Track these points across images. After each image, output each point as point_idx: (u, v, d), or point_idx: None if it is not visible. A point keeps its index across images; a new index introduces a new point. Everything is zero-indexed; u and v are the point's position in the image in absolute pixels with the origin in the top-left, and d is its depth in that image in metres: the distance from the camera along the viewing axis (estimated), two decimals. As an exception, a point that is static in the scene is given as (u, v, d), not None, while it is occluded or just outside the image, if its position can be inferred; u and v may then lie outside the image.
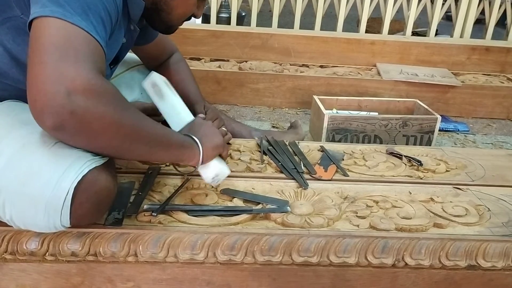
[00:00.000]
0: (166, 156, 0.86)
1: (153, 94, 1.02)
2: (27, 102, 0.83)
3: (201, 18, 1.14)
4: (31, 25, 0.70)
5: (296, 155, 1.19)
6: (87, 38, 0.70)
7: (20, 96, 0.85)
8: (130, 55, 1.30)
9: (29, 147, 0.75)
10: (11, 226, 0.78)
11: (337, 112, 1.67)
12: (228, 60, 2.17)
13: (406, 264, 0.88)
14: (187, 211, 0.92)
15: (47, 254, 0.82)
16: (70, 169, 0.73)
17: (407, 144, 1.59)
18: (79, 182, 0.73)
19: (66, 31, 0.68)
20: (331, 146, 1.28)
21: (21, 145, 0.75)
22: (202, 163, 0.89)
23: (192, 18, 1.05)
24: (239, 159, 1.15)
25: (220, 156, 0.96)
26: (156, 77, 1.02)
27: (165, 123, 1.11)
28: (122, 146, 0.75)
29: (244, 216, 0.91)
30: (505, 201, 1.05)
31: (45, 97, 0.65)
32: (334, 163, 1.16)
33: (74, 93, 0.65)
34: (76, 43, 0.68)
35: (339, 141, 1.56)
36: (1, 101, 0.88)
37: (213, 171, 0.92)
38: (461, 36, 2.48)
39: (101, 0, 0.75)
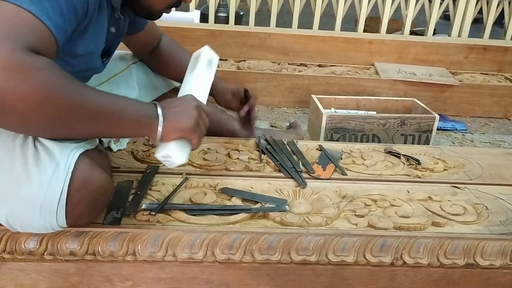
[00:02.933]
0: (119, 131, 0.80)
1: (200, 65, 0.97)
2: None
3: (199, 17, 1.13)
4: None
5: (294, 154, 1.20)
6: (27, 19, 0.66)
7: None
8: (128, 52, 1.30)
9: (20, 148, 0.74)
10: (9, 226, 0.78)
11: (335, 111, 1.67)
12: (226, 60, 2.17)
13: (405, 262, 0.88)
14: (185, 210, 0.91)
15: (45, 254, 0.82)
16: (58, 167, 0.72)
17: (405, 143, 1.59)
18: (72, 182, 0.73)
19: (6, 12, 0.65)
20: (329, 145, 1.28)
21: (13, 147, 0.74)
22: (161, 141, 0.82)
23: (190, 15, 1.02)
24: (238, 158, 1.15)
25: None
26: (215, 57, 0.99)
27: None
28: (63, 124, 0.71)
29: (242, 215, 0.91)
30: (503, 199, 1.05)
31: None
32: (332, 162, 1.16)
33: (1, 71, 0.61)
34: (8, 22, 0.65)
35: (338, 140, 1.56)
36: None
37: (165, 150, 0.82)
38: (459, 35, 2.49)
39: None
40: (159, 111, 0.80)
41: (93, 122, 0.73)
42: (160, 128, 0.79)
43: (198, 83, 0.98)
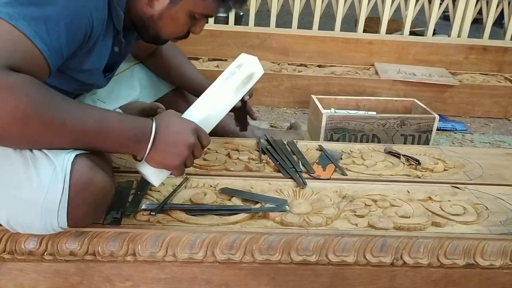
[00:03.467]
0: (102, 148, 0.77)
1: (238, 75, 0.92)
2: None
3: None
4: None
5: (294, 154, 1.20)
6: (18, 39, 0.67)
7: None
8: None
9: (21, 150, 0.74)
10: (9, 226, 0.78)
11: (335, 112, 1.67)
12: (226, 60, 2.17)
13: (405, 262, 0.88)
14: (185, 210, 0.91)
15: (45, 254, 0.82)
16: (56, 169, 0.72)
17: (405, 143, 1.59)
18: (74, 184, 0.73)
19: None
20: (329, 146, 1.28)
21: (13, 149, 0.74)
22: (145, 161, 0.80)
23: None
24: (238, 158, 1.15)
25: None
26: (259, 71, 0.93)
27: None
28: (40, 140, 0.70)
29: (242, 215, 0.91)
30: (503, 199, 1.05)
31: None
32: (332, 162, 1.16)
33: None
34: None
35: (337, 140, 1.56)
36: None
37: (144, 170, 0.82)
38: (459, 36, 2.49)
39: (69, 13, 0.73)
40: (150, 140, 0.77)
41: (74, 139, 0.72)
42: (145, 155, 0.78)
43: (220, 99, 0.92)
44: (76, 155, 0.74)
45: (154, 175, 0.82)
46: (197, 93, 1.02)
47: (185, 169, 0.84)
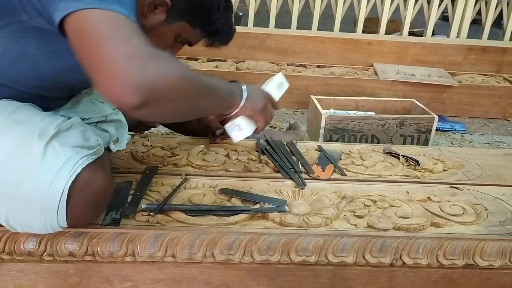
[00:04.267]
0: (218, 105, 0.89)
1: (271, 83, 1.06)
2: (21, 101, 0.83)
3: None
4: (62, 23, 0.67)
5: (294, 154, 1.20)
6: (128, 21, 0.69)
7: (15, 96, 0.85)
8: None
9: (22, 149, 0.75)
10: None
11: (334, 112, 1.67)
12: (225, 60, 2.17)
13: (404, 263, 0.88)
14: (185, 211, 0.91)
15: (44, 254, 0.82)
16: (63, 169, 0.73)
17: (404, 143, 1.60)
18: (74, 182, 0.73)
19: (108, 17, 0.67)
20: (328, 146, 1.28)
21: (14, 147, 0.75)
22: (236, 114, 0.92)
23: None
24: (237, 159, 1.15)
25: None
26: (286, 83, 1.10)
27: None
28: (195, 103, 0.76)
29: (242, 216, 0.91)
30: (502, 200, 1.05)
31: (123, 77, 0.62)
32: (331, 163, 1.16)
33: (144, 65, 0.64)
34: (122, 26, 0.67)
35: (337, 140, 1.56)
36: None
37: (237, 120, 0.94)
38: (458, 36, 2.49)
39: None
40: (244, 93, 0.91)
41: (209, 98, 0.81)
42: (241, 104, 0.90)
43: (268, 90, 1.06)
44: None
45: (245, 122, 0.95)
46: None
47: (264, 127, 0.99)
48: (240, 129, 0.94)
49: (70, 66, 0.85)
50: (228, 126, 0.95)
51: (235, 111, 0.91)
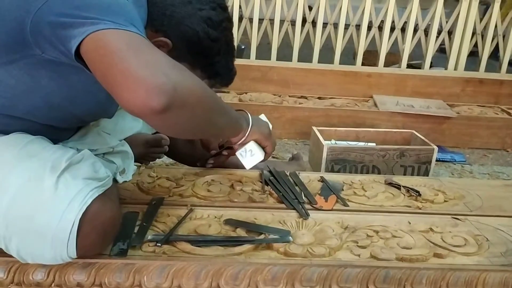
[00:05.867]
0: (230, 129, 0.95)
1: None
2: (33, 134, 0.86)
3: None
4: (79, 48, 0.69)
5: (297, 185, 1.21)
6: (145, 39, 0.73)
7: (27, 129, 0.87)
8: None
9: (35, 181, 0.77)
10: (18, 257, 0.79)
11: (335, 143, 1.69)
12: (228, 92, 2.21)
13: (408, 294, 0.88)
14: (191, 242, 0.92)
15: (53, 285, 0.83)
16: (74, 201, 0.75)
17: (404, 174, 1.61)
18: (84, 214, 0.75)
19: (127, 35, 0.70)
20: (330, 177, 1.29)
21: (27, 179, 0.77)
22: (245, 140, 0.99)
23: None
24: (241, 189, 1.16)
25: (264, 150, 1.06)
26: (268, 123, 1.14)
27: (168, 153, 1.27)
28: (212, 116, 0.80)
29: (247, 246, 0.92)
30: (503, 231, 1.06)
31: (147, 82, 0.64)
32: (334, 193, 1.18)
33: (167, 70, 0.67)
34: (141, 41, 0.71)
35: (338, 171, 1.58)
36: (8, 134, 0.90)
37: (247, 146, 1.01)
38: (455, 69, 2.54)
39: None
40: (250, 119, 0.99)
41: (223, 115, 0.85)
42: (249, 130, 0.98)
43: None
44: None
45: (256, 147, 1.03)
46: None
47: (271, 153, 1.09)
48: (252, 154, 1.00)
49: (81, 97, 0.88)
50: (239, 153, 1.01)
51: (244, 137, 0.98)
